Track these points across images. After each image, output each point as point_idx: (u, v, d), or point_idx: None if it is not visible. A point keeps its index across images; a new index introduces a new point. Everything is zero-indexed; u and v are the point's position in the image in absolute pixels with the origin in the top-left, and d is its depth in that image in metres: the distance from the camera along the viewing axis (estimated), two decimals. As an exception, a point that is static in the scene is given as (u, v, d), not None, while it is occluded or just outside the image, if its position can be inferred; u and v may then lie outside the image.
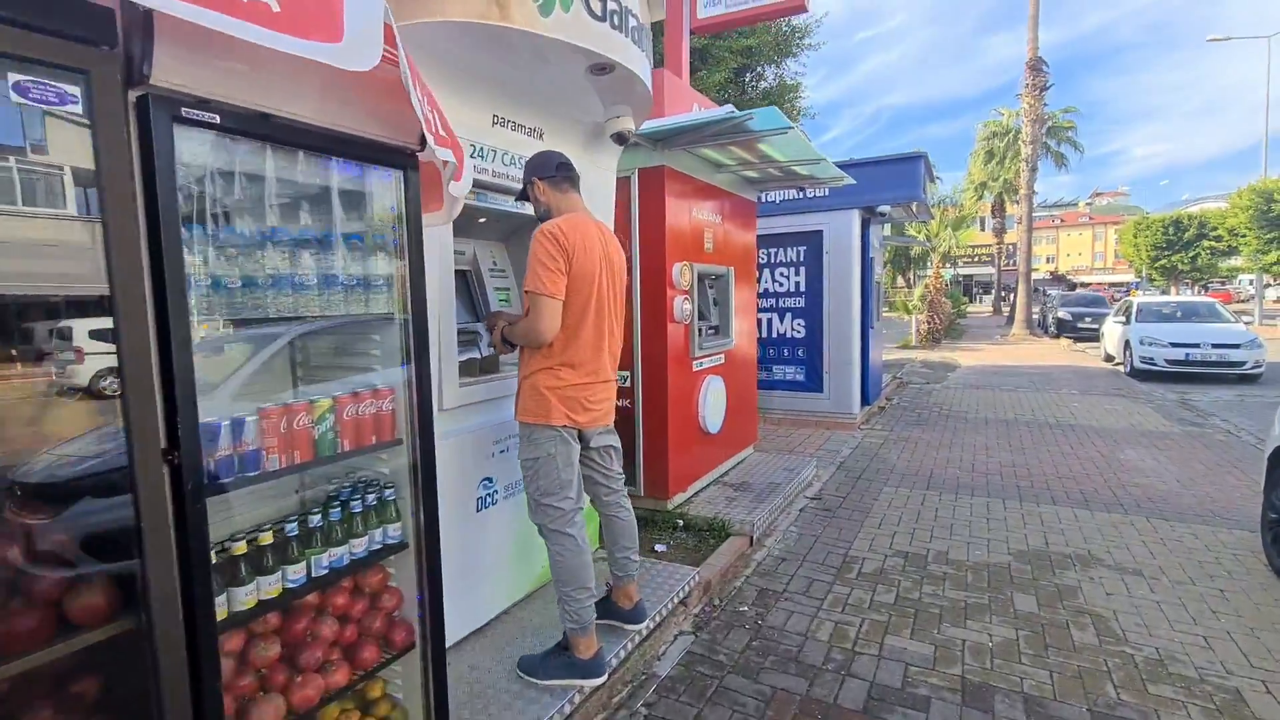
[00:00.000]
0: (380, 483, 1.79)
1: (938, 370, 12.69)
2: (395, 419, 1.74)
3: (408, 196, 1.67)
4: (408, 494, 1.79)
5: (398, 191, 1.67)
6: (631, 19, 2.43)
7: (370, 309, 1.67)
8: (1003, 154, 28.83)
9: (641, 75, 2.57)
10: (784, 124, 3.54)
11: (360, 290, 1.63)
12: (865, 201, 7.07)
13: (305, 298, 1.51)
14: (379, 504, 1.70)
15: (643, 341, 4.16)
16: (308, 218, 1.56)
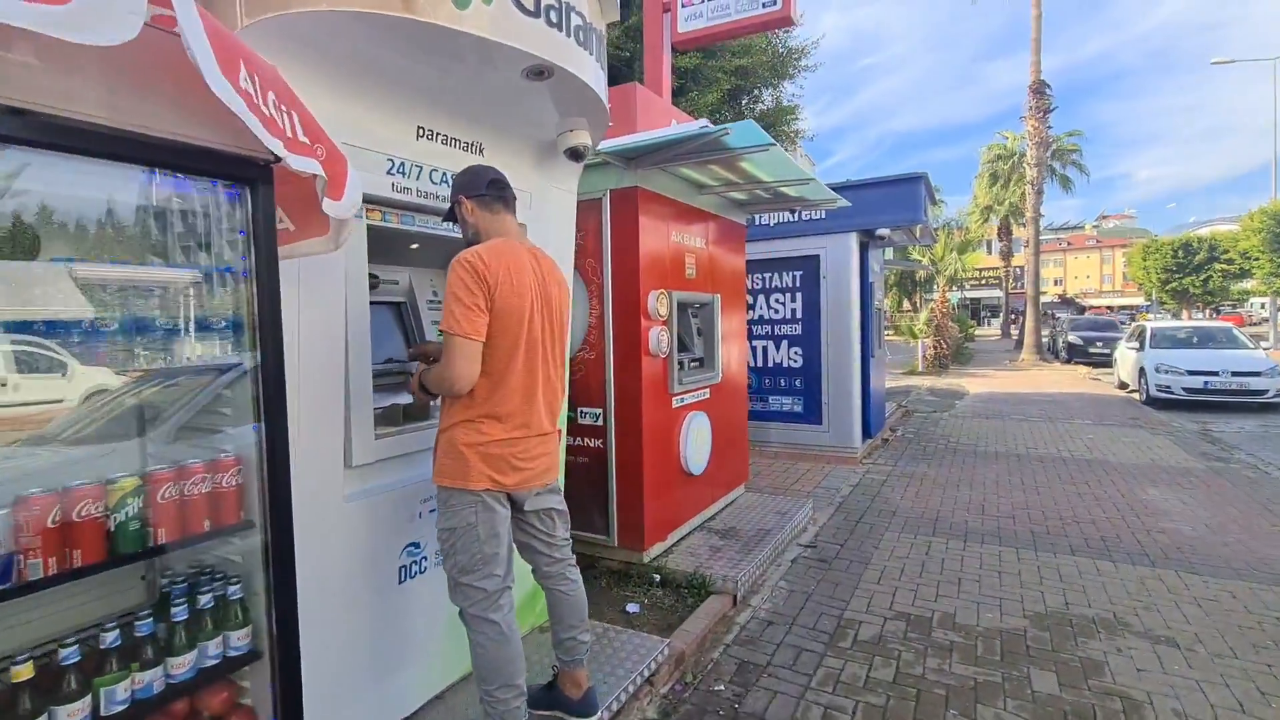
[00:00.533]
0: (225, 575, 1.42)
1: (945, 398, 12.25)
2: (243, 495, 1.38)
3: (255, 217, 1.33)
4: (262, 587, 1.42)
5: (244, 211, 1.33)
6: (575, 16, 2.12)
7: (205, 356, 1.33)
8: (1007, 177, 28.63)
9: (589, 81, 2.25)
10: (763, 140, 3.22)
11: (194, 334, 1.29)
12: (864, 224, 6.74)
13: (113, 346, 1.16)
14: (218, 605, 1.34)
15: (615, 376, 3.80)
16: (115, 245, 1.23)
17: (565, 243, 2.94)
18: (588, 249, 3.85)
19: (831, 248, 6.84)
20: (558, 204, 2.85)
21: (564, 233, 2.92)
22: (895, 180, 6.67)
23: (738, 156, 3.59)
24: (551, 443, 2.13)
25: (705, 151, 3.49)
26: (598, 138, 2.72)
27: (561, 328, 2.15)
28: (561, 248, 2.90)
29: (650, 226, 3.80)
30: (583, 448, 3.95)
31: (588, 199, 3.81)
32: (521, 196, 2.63)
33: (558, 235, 2.86)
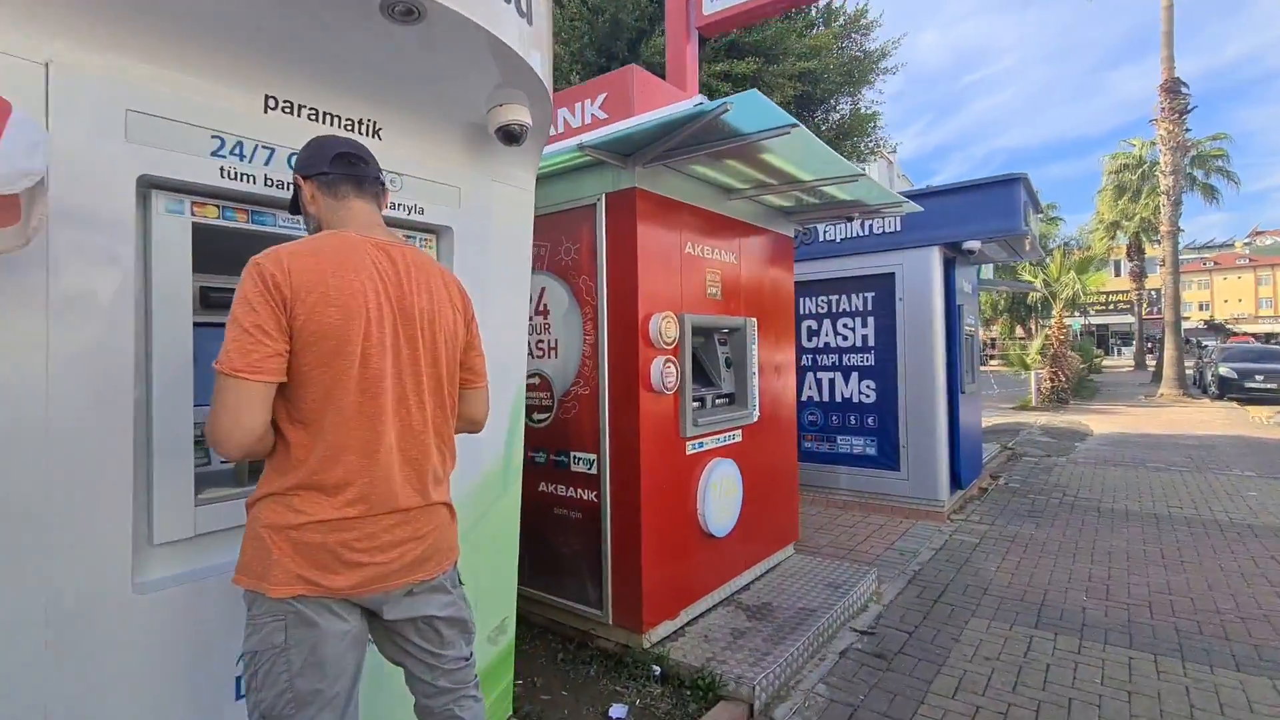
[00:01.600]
0: None
1: (1062, 439, 10.57)
2: None
3: None
4: None
5: None
6: (460, -65, 1.55)
7: None
8: (1136, 188, 25.61)
9: (496, 31, 1.67)
10: (777, 118, 2.51)
11: None
12: (948, 236, 5.75)
13: None
14: None
15: (610, 416, 3.15)
16: None
17: (513, 252, 2.36)
18: (582, 264, 3.26)
19: (909, 264, 5.88)
20: (502, 203, 2.28)
21: (510, 239, 2.34)
22: (986, 184, 5.66)
23: (756, 147, 2.90)
24: (423, 522, 1.49)
25: (709, 140, 2.83)
26: (542, 118, 2.13)
27: (449, 358, 1.53)
28: (505, 258, 2.32)
29: (654, 235, 3.16)
30: (575, 500, 3.31)
31: (580, 205, 3.24)
32: (444, 192, 2.08)
33: (500, 242, 2.29)
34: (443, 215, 2.09)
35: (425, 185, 2.03)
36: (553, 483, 3.41)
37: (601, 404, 3.15)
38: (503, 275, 2.31)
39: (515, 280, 2.36)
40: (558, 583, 3.38)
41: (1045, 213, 34.88)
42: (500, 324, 2.30)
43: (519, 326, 2.40)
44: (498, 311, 2.29)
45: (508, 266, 2.32)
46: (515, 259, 2.36)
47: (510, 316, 2.36)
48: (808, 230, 6.38)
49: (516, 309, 2.38)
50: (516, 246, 2.36)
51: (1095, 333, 46.15)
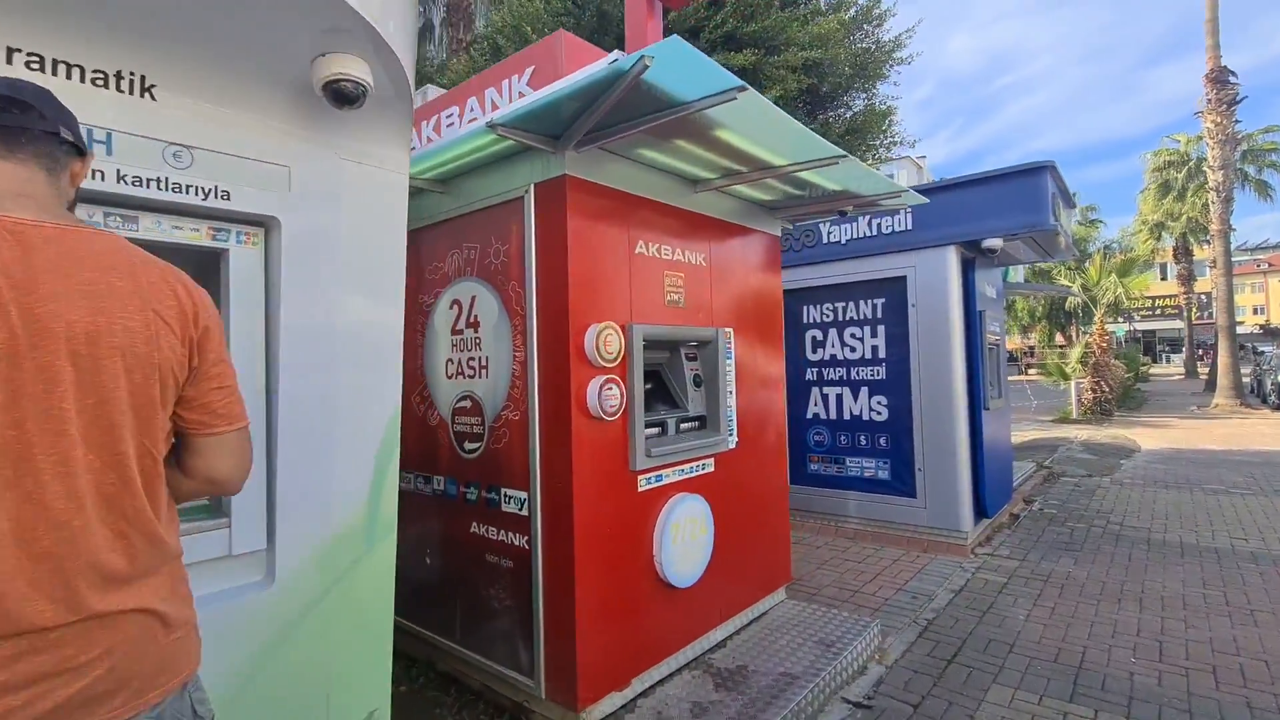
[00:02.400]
0: None
1: (1106, 455, 9.69)
2: None
3: None
4: None
5: None
6: None
7: None
8: (1181, 186, 24.27)
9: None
10: (718, 80, 2.00)
11: None
12: (965, 234, 5.13)
13: None
14: None
15: (541, 447, 2.65)
16: None
17: (380, 252, 1.88)
18: (511, 268, 2.78)
19: (921, 266, 5.27)
20: (358, 188, 1.81)
21: (373, 236, 1.86)
22: (1008, 174, 5.03)
23: (704, 120, 2.39)
24: (77, 647, 0.96)
25: (646, 112, 2.32)
26: (395, 76, 1.65)
27: (135, 396, 1.04)
28: (366, 259, 1.84)
29: (592, 232, 2.66)
30: (506, 546, 2.81)
31: (509, 199, 2.77)
32: (263, 173, 1.62)
33: (357, 238, 1.81)
34: (262, 202, 1.63)
35: (230, 162, 1.57)
36: (484, 524, 2.91)
37: (532, 432, 2.66)
38: (361, 281, 1.83)
39: (382, 288, 1.89)
40: (489, 643, 2.88)
41: (1084, 215, 33.44)
42: (356, 343, 1.82)
43: (387, 346, 1.92)
44: (354, 327, 1.81)
45: (370, 270, 1.85)
46: (383, 261, 1.89)
47: (374, 333, 1.88)
48: (809, 232, 5.82)
49: (384, 324, 1.91)
50: (385, 244, 1.89)
51: (1141, 339, 44.07)
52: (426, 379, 3.23)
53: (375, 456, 1.90)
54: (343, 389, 1.80)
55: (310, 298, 1.72)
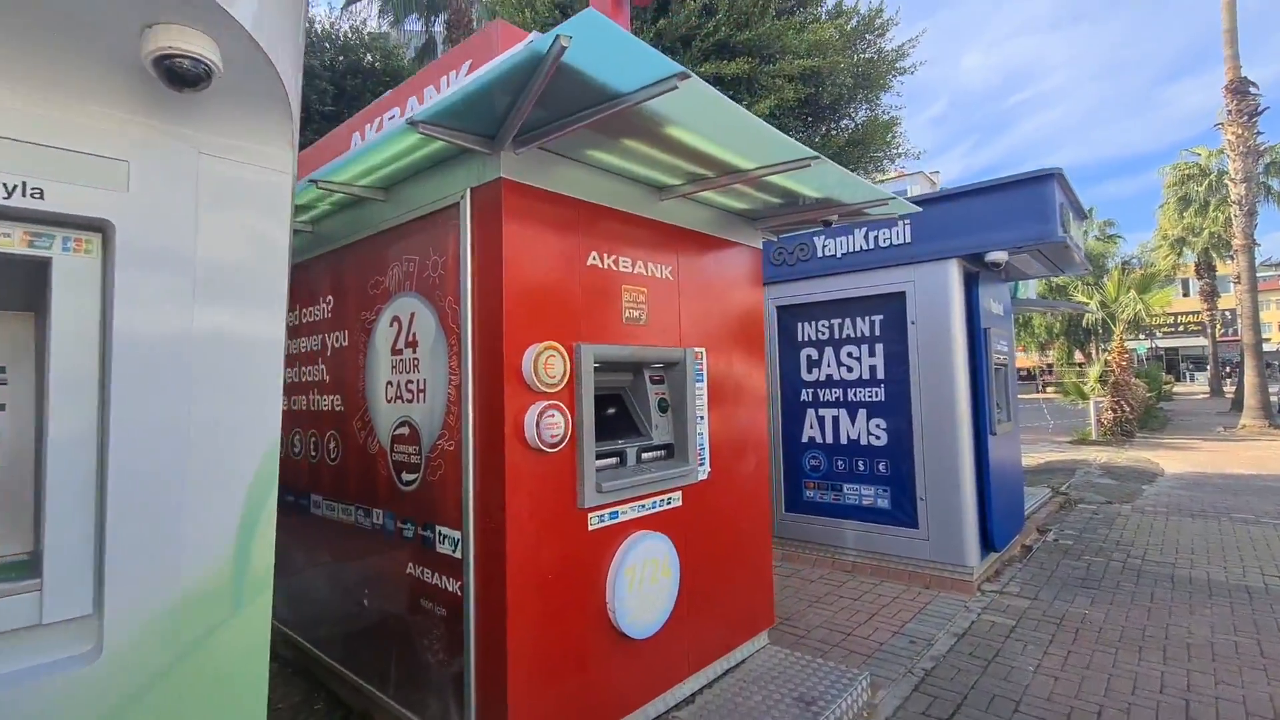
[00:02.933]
0: None
1: (1127, 480, 9.21)
2: None
3: None
4: None
5: None
6: None
7: None
8: (1202, 200, 23.69)
9: None
10: (654, 65, 1.74)
11: None
12: (968, 247, 4.82)
13: None
14: None
15: (475, 481, 2.36)
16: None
17: (252, 265, 1.62)
18: (448, 282, 2.52)
19: (921, 281, 4.95)
20: (219, 188, 1.55)
21: (241, 245, 1.60)
22: (1012, 182, 4.71)
23: (650, 116, 2.13)
24: None
25: (585, 106, 2.07)
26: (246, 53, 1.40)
27: None
28: (231, 273, 1.58)
29: (534, 242, 2.39)
30: (439, 592, 2.51)
31: (446, 206, 2.51)
32: (90, 167, 1.38)
33: (218, 248, 1.55)
34: (91, 202, 1.38)
35: (39, 154, 1.32)
36: (419, 565, 2.63)
37: (465, 465, 2.37)
38: (228, 293, 1.57)
39: (256, 299, 1.62)
40: (421, 701, 2.58)
41: (1102, 231, 32.81)
42: (221, 364, 1.56)
43: (264, 365, 1.65)
44: (217, 345, 1.55)
45: (239, 280, 1.59)
46: (258, 269, 1.63)
47: (244, 351, 1.61)
48: (803, 245, 5.54)
49: (259, 340, 1.64)
50: (259, 251, 1.63)
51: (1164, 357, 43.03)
52: (368, 403, 2.97)
53: (245, 497, 1.63)
54: (202, 418, 1.54)
55: (155, 313, 1.46)
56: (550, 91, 1.97)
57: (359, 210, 3.04)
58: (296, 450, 3.56)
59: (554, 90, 1.96)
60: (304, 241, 3.48)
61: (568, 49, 1.65)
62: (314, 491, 3.39)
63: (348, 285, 3.14)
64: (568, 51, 1.70)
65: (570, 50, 1.70)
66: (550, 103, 2.07)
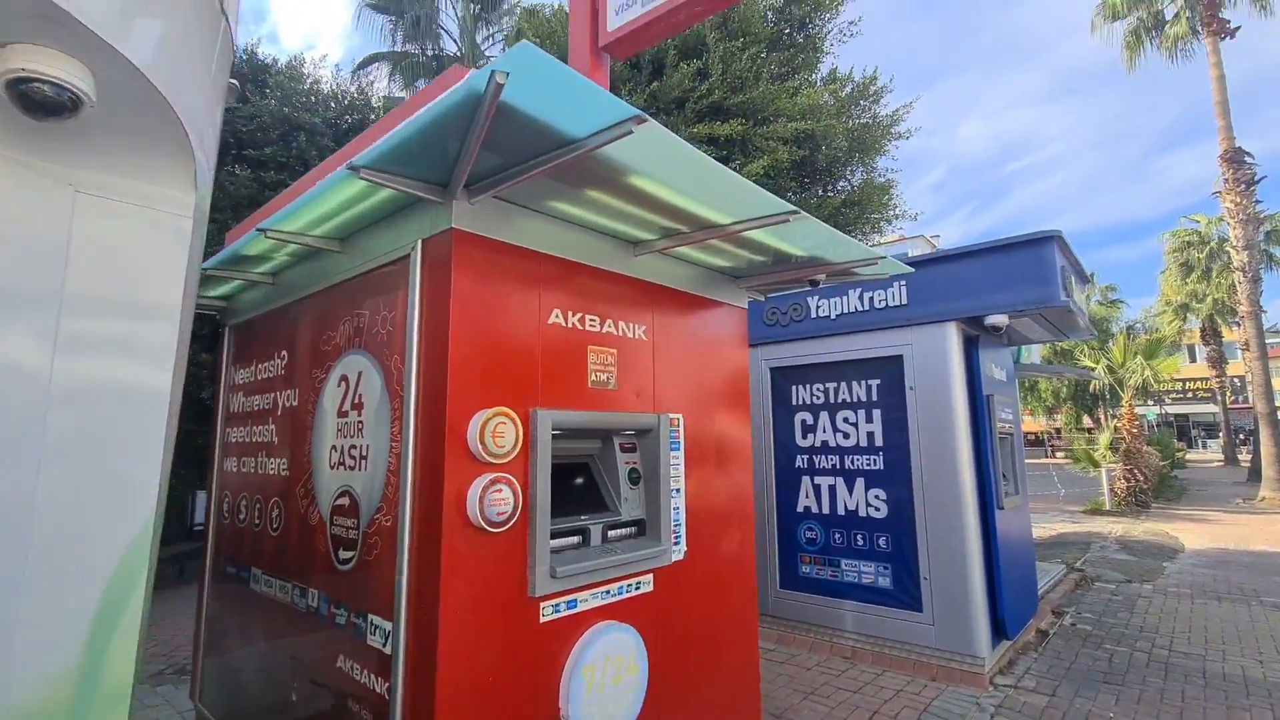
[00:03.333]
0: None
1: (1145, 556, 8.72)
2: None
3: None
4: None
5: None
6: None
7: None
8: (1204, 267, 23.74)
9: None
10: (605, 109, 1.58)
11: None
12: (966, 310, 4.63)
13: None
14: None
15: (410, 563, 2.08)
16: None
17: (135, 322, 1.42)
18: (394, 340, 2.32)
19: (919, 344, 4.74)
20: (96, 233, 1.36)
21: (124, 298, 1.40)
22: (1010, 245, 4.56)
23: (608, 163, 1.97)
24: None
25: (541, 152, 1.91)
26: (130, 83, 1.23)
27: None
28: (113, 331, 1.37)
29: (487, 297, 2.20)
30: (365, 692, 2.20)
31: (397, 259, 2.34)
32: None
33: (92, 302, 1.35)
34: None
35: None
36: (350, 658, 2.32)
37: (401, 543, 2.10)
38: (96, 349, 1.36)
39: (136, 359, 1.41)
40: (340, 822, 2.22)
41: (1105, 295, 32.88)
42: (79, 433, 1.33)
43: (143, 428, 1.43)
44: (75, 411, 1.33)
45: (113, 338, 1.38)
46: (137, 324, 1.42)
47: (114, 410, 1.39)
48: (797, 305, 5.37)
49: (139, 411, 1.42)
50: (142, 303, 1.42)
51: (1174, 423, 42.35)
52: (312, 468, 2.72)
53: (102, 595, 1.37)
54: (51, 493, 1.30)
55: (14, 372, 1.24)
56: (499, 135, 1.81)
57: (317, 261, 2.88)
58: (242, 517, 3.28)
59: (502, 134, 1.80)
60: (264, 294, 3.32)
61: (505, 86, 1.49)
62: (254, 564, 3.10)
63: (301, 341, 2.95)
64: (508, 90, 1.54)
65: (511, 89, 1.54)
66: (502, 148, 1.92)
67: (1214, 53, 16.66)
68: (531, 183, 2.09)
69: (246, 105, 7.36)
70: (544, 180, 2.12)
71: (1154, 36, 18.54)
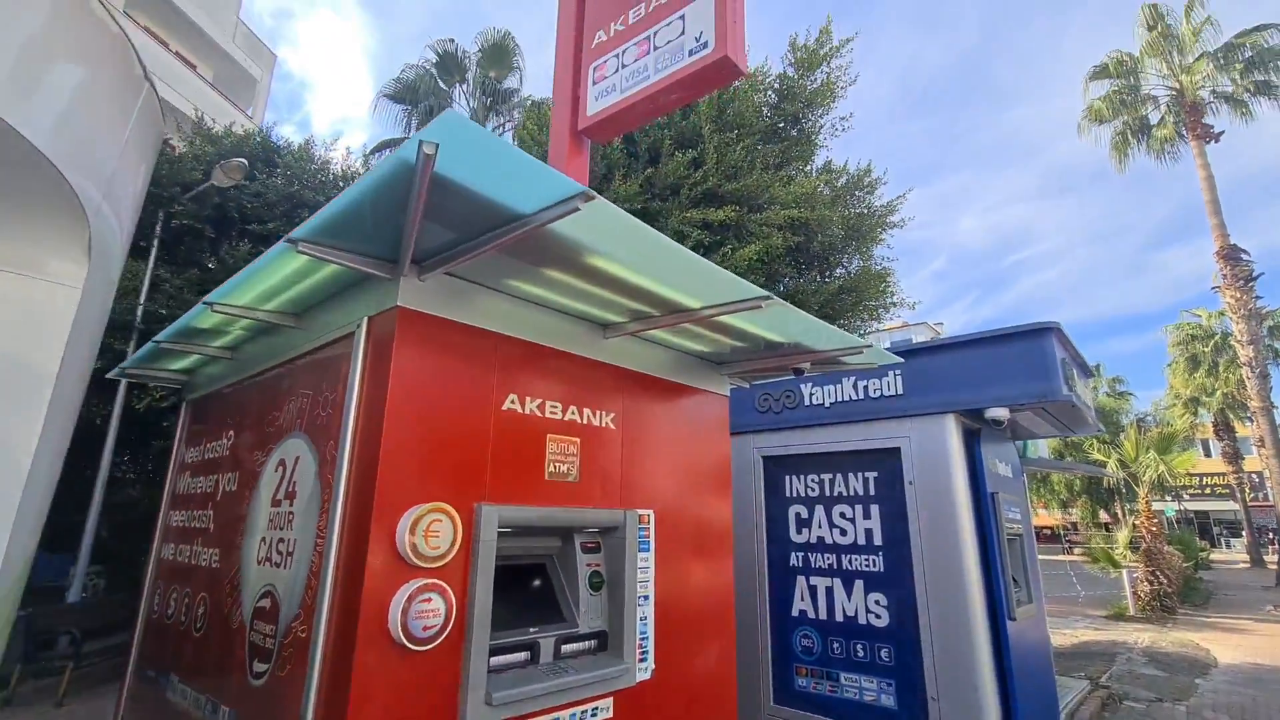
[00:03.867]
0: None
1: (1176, 671, 8.03)
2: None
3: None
4: None
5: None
6: None
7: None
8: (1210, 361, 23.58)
9: None
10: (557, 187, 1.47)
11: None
12: (965, 402, 4.42)
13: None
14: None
15: (319, 688, 1.79)
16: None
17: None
18: (332, 424, 2.13)
19: (917, 436, 4.50)
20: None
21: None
22: (1007, 335, 4.41)
23: (565, 244, 1.85)
24: None
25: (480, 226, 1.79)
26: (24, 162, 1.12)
27: None
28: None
29: (432, 378, 2.03)
30: (256, 845, 1.85)
31: (342, 335, 2.19)
32: None
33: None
34: None
35: None
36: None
37: (312, 660, 1.82)
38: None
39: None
40: None
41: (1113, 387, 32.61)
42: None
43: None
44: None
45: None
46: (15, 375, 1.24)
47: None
48: (789, 392, 5.18)
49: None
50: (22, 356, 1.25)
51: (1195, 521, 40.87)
52: (241, 562, 2.46)
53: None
54: None
55: None
56: (443, 210, 1.70)
57: (275, 337, 2.74)
58: (170, 613, 2.99)
59: (447, 208, 1.69)
60: (223, 369, 3.17)
61: (435, 158, 1.38)
62: (174, 669, 2.77)
63: (248, 420, 2.77)
64: (443, 162, 1.43)
65: (446, 161, 1.43)
66: (450, 223, 1.80)
67: (1200, 155, 17.22)
68: (488, 261, 1.97)
69: (254, 183, 7.56)
70: (501, 258, 2.00)
71: (1141, 139, 19.25)
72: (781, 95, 8.15)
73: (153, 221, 8.17)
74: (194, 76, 16.90)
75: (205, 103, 15.24)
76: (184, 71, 16.51)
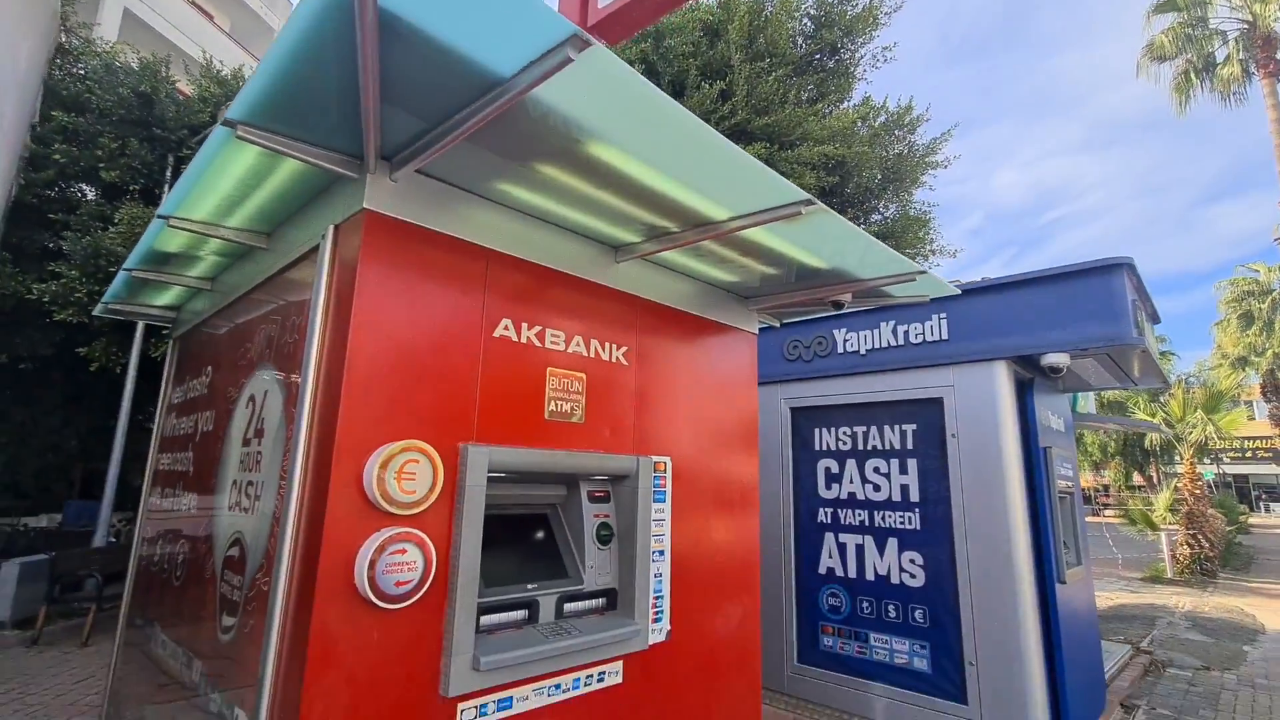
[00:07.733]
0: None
1: (1221, 637, 7.67)
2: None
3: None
4: None
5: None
6: None
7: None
8: (1266, 318, 22.33)
9: None
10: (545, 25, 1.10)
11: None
12: (1019, 348, 4.00)
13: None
14: None
15: (280, 642, 1.55)
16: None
17: None
18: (297, 352, 1.84)
19: (963, 386, 4.12)
20: None
21: None
22: (1072, 273, 3.94)
23: (560, 125, 1.49)
24: None
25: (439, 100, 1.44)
26: None
27: None
28: None
29: (405, 297, 1.72)
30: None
31: (309, 250, 1.89)
32: None
33: None
34: None
35: None
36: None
37: (270, 617, 1.58)
38: None
39: None
40: None
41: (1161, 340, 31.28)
42: None
43: None
44: None
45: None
46: None
47: None
48: (821, 338, 4.80)
49: None
50: None
51: (1233, 484, 39.68)
52: (214, 508, 2.24)
53: None
54: None
55: None
56: (404, 77, 1.35)
57: (249, 262, 2.45)
58: (155, 561, 2.81)
59: (407, 73, 1.34)
60: (206, 301, 2.91)
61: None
62: (157, 620, 2.60)
63: (223, 354, 2.51)
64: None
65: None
66: (414, 100, 1.46)
67: (1271, 94, 15.91)
68: (471, 157, 1.64)
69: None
70: (484, 153, 1.66)
71: (1204, 78, 17.82)
72: (819, 22, 7.49)
73: (162, 166, 7.96)
74: (211, 26, 16.50)
75: (226, 55, 14.87)
76: (202, 21, 16.11)
